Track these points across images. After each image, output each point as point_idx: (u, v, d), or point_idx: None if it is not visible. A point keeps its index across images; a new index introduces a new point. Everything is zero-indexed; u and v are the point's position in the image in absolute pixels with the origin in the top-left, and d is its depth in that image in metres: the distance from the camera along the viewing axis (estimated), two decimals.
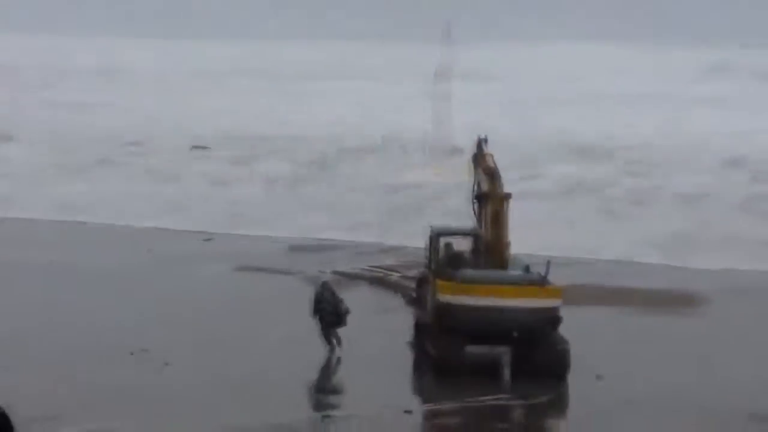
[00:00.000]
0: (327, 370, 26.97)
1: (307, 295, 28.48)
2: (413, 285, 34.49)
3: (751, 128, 72.34)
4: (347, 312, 27.67)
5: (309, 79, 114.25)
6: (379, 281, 36.07)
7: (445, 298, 25.98)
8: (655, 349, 29.30)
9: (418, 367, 27.37)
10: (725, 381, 26.66)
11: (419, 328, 28.54)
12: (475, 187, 28.07)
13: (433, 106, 61.03)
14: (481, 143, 28.42)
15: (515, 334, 25.90)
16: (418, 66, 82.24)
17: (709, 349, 29.32)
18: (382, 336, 29.58)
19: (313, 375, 26.48)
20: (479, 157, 28.20)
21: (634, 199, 51.84)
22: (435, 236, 27.99)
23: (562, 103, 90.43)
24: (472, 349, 26.05)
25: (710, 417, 24.05)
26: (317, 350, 27.73)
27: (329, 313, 27.54)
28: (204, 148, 65.41)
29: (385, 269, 37.26)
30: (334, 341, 27.67)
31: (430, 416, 24.21)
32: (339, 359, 27.35)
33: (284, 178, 56.84)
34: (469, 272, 26.30)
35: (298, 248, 41.69)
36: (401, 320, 30.75)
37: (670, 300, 34.68)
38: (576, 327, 26.24)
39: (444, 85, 62.49)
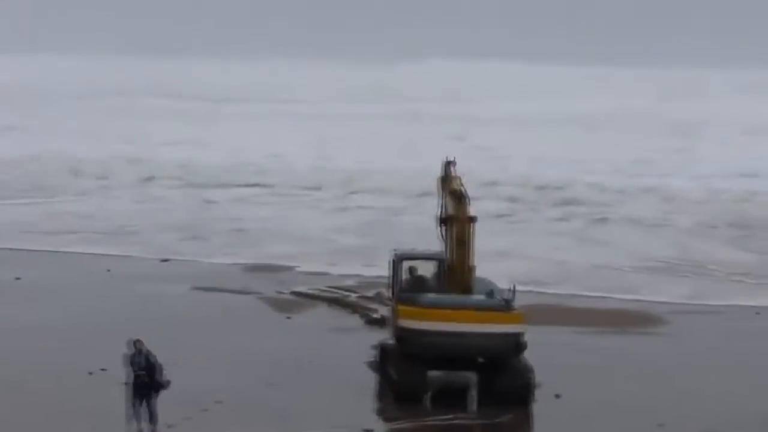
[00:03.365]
0: (285, 389, 26.88)
1: (264, 314, 28.27)
2: (371, 305, 34.76)
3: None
4: (165, 384, 23.09)
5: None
6: (337, 302, 36.07)
7: (406, 322, 25.87)
8: (611, 366, 29.53)
9: (378, 386, 27.32)
10: (681, 397, 26.93)
11: (383, 350, 28.10)
12: (442, 210, 27.61)
13: None
14: (448, 165, 27.89)
15: (480, 360, 25.81)
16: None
17: (666, 367, 29.59)
18: (340, 355, 29.56)
19: (269, 393, 26.30)
20: (446, 180, 27.76)
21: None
22: (398, 260, 27.50)
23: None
24: (437, 374, 26.07)
25: (662, 431, 24.33)
26: (275, 367, 27.76)
27: (141, 379, 22.83)
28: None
29: (343, 290, 37.30)
30: (142, 415, 23.00)
31: None
32: None
33: None
34: (430, 297, 26.05)
35: (254, 268, 41.55)
36: (360, 340, 30.82)
37: (628, 321, 34.94)
38: (534, 347, 26.34)
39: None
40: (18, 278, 38.16)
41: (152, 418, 23.02)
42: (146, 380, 22.81)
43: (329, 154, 71.71)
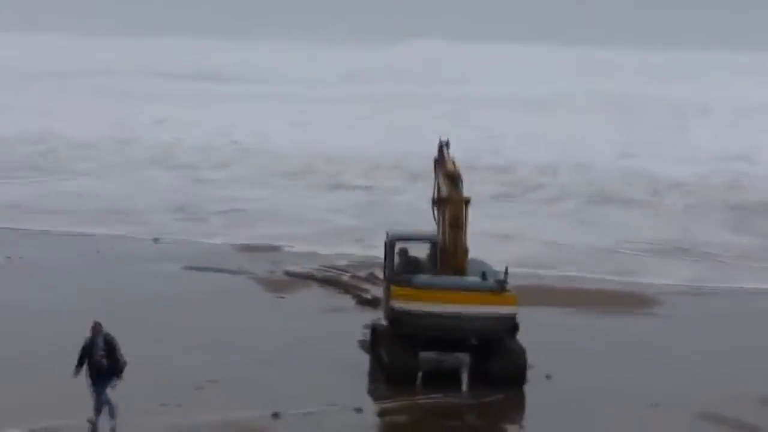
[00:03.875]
0: (278, 368, 26.77)
1: (257, 294, 28.16)
2: (364, 285, 34.62)
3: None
4: (124, 365, 21.96)
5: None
6: (329, 281, 35.91)
7: (400, 304, 25.73)
8: (604, 347, 29.40)
9: (370, 366, 27.17)
10: (676, 379, 26.81)
11: (375, 331, 27.96)
12: (436, 192, 27.60)
13: None
14: (442, 147, 27.80)
15: (473, 341, 25.69)
16: None
17: (661, 349, 29.45)
18: (332, 335, 29.49)
19: (263, 372, 26.21)
20: (441, 161, 27.65)
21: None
22: (391, 241, 27.35)
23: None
24: (429, 355, 25.92)
25: (656, 412, 24.29)
26: (266, 346, 27.63)
27: (100, 363, 21.86)
28: None
29: (336, 269, 37.14)
30: (104, 406, 22.12)
31: (380, 414, 24.12)
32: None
33: None
34: (424, 278, 25.92)
35: (247, 248, 41.36)
36: (352, 320, 30.71)
37: (622, 302, 34.80)
38: (526, 328, 26.16)
39: None
40: (8, 257, 37.90)
41: (111, 411, 22.07)
42: (104, 362, 21.72)
43: (321, 135, 71.43)
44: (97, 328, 22.12)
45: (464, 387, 25.95)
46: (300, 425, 22.81)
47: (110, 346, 21.95)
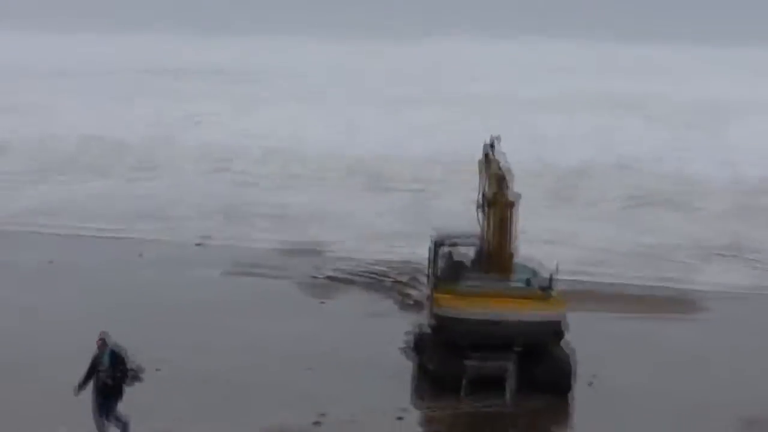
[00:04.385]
0: (317, 373, 26.51)
1: (299, 298, 27.94)
2: (407, 289, 34.32)
3: None
4: (133, 376, 20.86)
5: None
6: (372, 285, 35.63)
7: (443, 309, 25.37)
8: (648, 352, 29.01)
9: (412, 372, 26.82)
10: (720, 384, 26.41)
11: (419, 336, 27.47)
12: (481, 194, 26.91)
13: None
14: (489, 146, 26.91)
15: (518, 348, 25.16)
16: None
17: (705, 353, 29.06)
18: (374, 340, 29.20)
19: (304, 378, 25.98)
20: (487, 162, 26.94)
21: None
22: (437, 244, 26.85)
23: None
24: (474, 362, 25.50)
25: (699, 420, 23.96)
26: (308, 351, 27.41)
27: (102, 380, 20.82)
28: None
29: (378, 273, 36.86)
30: (114, 420, 21.14)
31: (422, 422, 23.82)
32: None
33: None
34: (468, 282, 25.54)
35: (290, 252, 41.15)
36: (394, 324, 30.40)
37: (662, 304, 34.30)
38: (572, 333, 25.75)
39: None
40: (51, 262, 37.92)
41: (123, 429, 21.10)
42: (109, 382, 20.58)
43: (357, 137, 71.11)
44: (102, 342, 20.86)
45: (508, 394, 25.47)
46: (341, 431, 22.56)
47: (117, 359, 20.78)
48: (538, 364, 25.02)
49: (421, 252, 29.94)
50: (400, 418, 23.45)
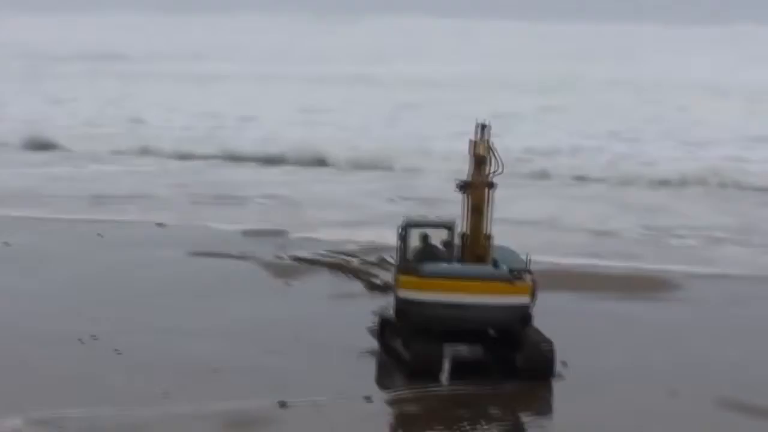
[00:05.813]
0: (285, 355, 26.00)
1: (264, 280, 27.46)
2: (374, 271, 33.86)
3: None
4: None
5: None
6: (338, 266, 35.11)
7: (405, 293, 24.83)
8: (622, 332, 28.62)
9: (379, 354, 26.29)
10: (696, 363, 26.13)
11: (384, 320, 26.74)
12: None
13: None
14: (480, 129, 25.75)
15: (492, 332, 24.78)
16: None
17: (681, 333, 28.75)
18: (341, 322, 28.78)
19: (269, 360, 25.47)
20: (474, 144, 25.96)
21: None
22: (406, 227, 25.99)
23: None
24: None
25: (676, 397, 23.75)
26: (274, 334, 26.98)
27: None
28: None
29: (344, 254, 36.36)
30: None
31: (390, 403, 23.36)
32: None
33: None
34: (431, 267, 24.86)
35: (253, 233, 40.55)
36: (361, 306, 29.94)
37: (635, 285, 33.97)
38: (539, 313, 25.27)
39: None
40: (6, 243, 37.14)
41: None
42: None
43: (325, 118, 70.73)
44: None
45: (479, 376, 24.90)
46: (308, 414, 22.20)
47: None
48: (517, 350, 24.47)
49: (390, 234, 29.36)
50: (368, 399, 23.00)
